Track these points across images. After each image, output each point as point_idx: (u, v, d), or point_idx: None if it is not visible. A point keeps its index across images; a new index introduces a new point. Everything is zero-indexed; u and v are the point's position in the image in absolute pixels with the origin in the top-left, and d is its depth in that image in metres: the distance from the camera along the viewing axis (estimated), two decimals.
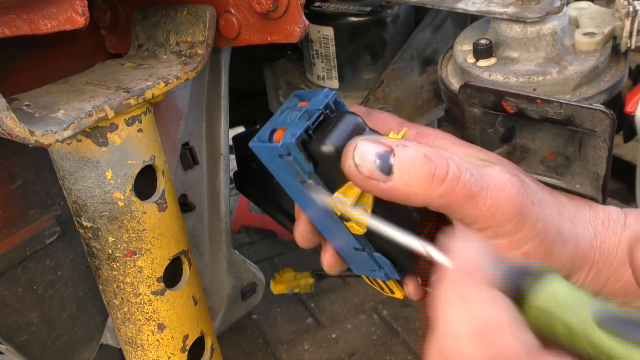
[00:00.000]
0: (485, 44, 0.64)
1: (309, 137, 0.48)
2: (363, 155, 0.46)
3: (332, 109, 0.51)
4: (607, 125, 0.49)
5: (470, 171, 0.46)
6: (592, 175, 0.53)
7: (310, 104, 0.51)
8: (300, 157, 0.48)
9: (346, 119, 0.50)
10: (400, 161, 0.45)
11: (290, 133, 0.48)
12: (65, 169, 0.59)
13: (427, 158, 0.45)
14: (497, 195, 0.46)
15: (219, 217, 0.94)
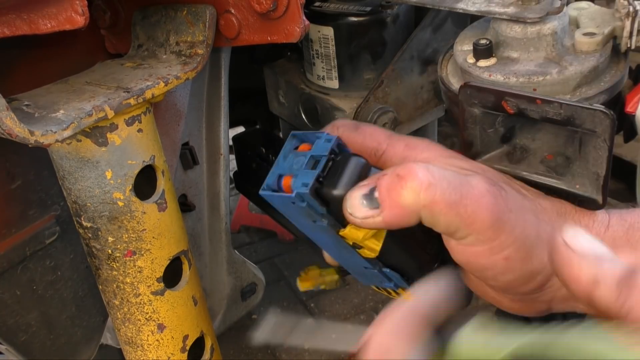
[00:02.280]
0: (486, 44, 0.64)
1: (320, 184, 0.51)
2: (352, 204, 0.49)
3: (336, 152, 0.53)
4: (607, 125, 0.49)
5: (447, 179, 0.48)
6: (592, 175, 0.53)
7: (314, 149, 0.53)
8: (314, 203, 0.50)
9: (352, 162, 0.52)
10: (381, 190, 0.48)
11: (301, 182, 0.50)
12: (65, 169, 0.59)
13: (400, 177, 0.48)
14: (475, 204, 0.49)
15: (219, 217, 0.94)
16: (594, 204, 0.54)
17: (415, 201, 0.48)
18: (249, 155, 1.07)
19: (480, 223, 0.49)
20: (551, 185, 0.55)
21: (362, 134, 0.58)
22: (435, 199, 0.48)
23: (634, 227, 0.53)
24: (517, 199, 0.52)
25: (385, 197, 0.48)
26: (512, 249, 0.50)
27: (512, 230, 0.50)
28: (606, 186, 0.52)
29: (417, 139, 0.57)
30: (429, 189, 0.48)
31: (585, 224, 0.53)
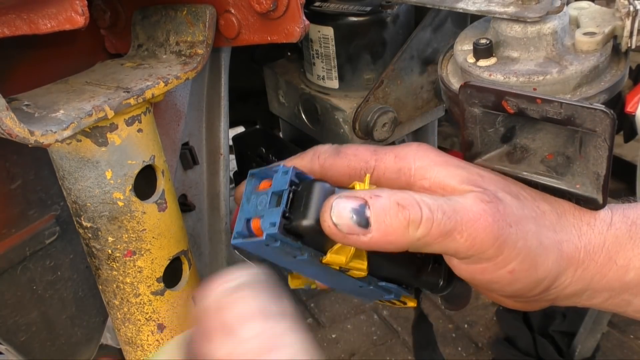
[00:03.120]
0: (486, 43, 0.64)
1: (287, 219, 0.50)
2: (340, 213, 0.47)
3: (296, 183, 0.52)
4: (607, 125, 0.49)
5: (442, 209, 0.48)
6: (593, 175, 0.53)
7: (274, 185, 0.52)
8: (287, 240, 0.49)
9: (315, 188, 0.51)
10: (375, 212, 0.47)
11: (268, 222, 0.49)
12: (64, 169, 0.59)
13: (400, 206, 0.47)
14: (472, 227, 0.49)
15: (219, 217, 0.94)
16: (595, 204, 0.54)
17: (411, 234, 0.48)
18: (249, 155, 1.07)
19: (480, 245, 0.49)
20: (551, 185, 0.55)
21: (346, 157, 0.56)
22: (432, 232, 0.48)
23: (637, 223, 0.53)
24: (517, 210, 0.51)
25: (378, 221, 0.47)
26: (517, 262, 0.50)
27: (514, 245, 0.50)
28: (606, 186, 0.52)
29: (405, 147, 0.56)
30: (427, 222, 0.47)
31: (587, 222, 0.54)
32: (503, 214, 0.50)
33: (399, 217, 0.47)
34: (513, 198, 0.52)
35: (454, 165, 0.54)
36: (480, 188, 0.51)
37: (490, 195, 0.51)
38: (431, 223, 0.48)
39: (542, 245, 0.51)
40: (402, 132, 0.93)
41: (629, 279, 0.53)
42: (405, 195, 0.48)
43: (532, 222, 0.52)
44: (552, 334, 1.65)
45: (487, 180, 0.53)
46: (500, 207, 0.50)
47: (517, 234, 0.50)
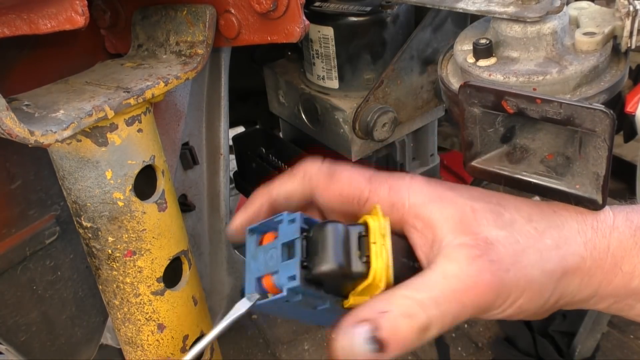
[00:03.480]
0: (485, 43, 0.64)
1: (306, 269, 0.48)
2: (354, 351, 0.46)
3: (306, 228, 0.50)
4: (607, 125, 0.49)
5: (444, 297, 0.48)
6: (592, 175, 0.53)
7: (282, 236, 0.50)
8: (310, 292, 0.48)
9: (328, 230, 0.49)
10: (388, 334, 0.46)
11: (286, 276, 0.48)
12: (65, 169, 0.59)
13: (409, 317, 0.47)
14: (475, 294, 0.49)
15: (219, 217, 0.94)
16: (594, 204, 0.54)
17: (429, 334, 0.48)
18: (249, 155, 1.07)
19: (485, 303, 0.49)
20: (551, 186, 0.55)
21: (339, 183, 0.55)
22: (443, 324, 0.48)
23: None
24: (512, 247, 0.51)
25: (391, 341, 0.46)
26: (523, 298, 0.51)
27: (517, 286, 0.50)
28: (606, 186, 0.52)
29: (399, 179, 0.55)
30: (436, 321, 0.48)
31: (590, 225, 0.53)
32: (498, 262, 0.49)
33: (413, 328, 0.47)
34: (507, 233, 0.51)
35: (447, 201, 0.53)
36: (471, 235, 0.50)
37: (480, 246, 0.50)
38: (442, 321, 0.48)
39: (545, 271, 0.51)
40: (402, 132, 0.93)
41: (635, 286, 0.53)
42: (407, 302, 0.47)
43: (531, 251, 0.51)
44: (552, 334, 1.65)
45: (479, 215, 0.52)
46: (493, 256, 0.49)
47: (517, 274, 0.50)
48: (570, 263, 0.52)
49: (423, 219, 0.52)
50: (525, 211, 0.53)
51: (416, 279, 0.49)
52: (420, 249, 0.52)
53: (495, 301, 0.49)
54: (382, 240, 0.50)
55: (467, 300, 0.48)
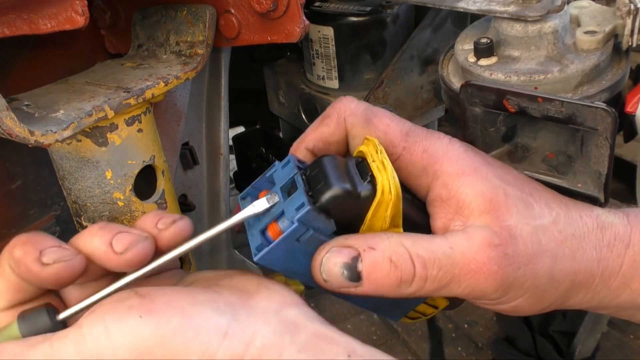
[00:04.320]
0: (486, 43, 0.64)
1: (313, 198, 0.46)
2: (330, 270, 0.47)
3: (301, 167, 0.49)
4: (608, 123, 0.49)
5: (438, 265, 0.47)
6: (594, 173, 0.53)
7: (279, 181, 0.49)
8: (321, 223, 0.46)
9: (325, 162, 0.48)
10: (367, 269, 0.46)
11: (294, 209, 0.46)
12: (65, 169, 0.59)
13: (393, 264, 0.46)
14: (473, 278, 0.47)
15: (219, 217, 0.94)
16: (596, 202, 0.54)
17: (402, 290, 0.47)
18: (249, 155, 1.07)
19: (482, 291, 0.48)
20: (553, 184, 0.55)
21: (374, 132, 0.52)
22: (425, 286, 0.47)
23: None
24: (532, 246, 0.49)
25: (369, 278, 0.46)
26: (522, 299, 0.50)
27: (521, 286, 0.49)
28: (608, 184, 0.52)
29: (436, 141, 0.52)
30: (420, 281, 0.47)
31: (607, 243, 0.51)
32: (512, 257, 0.48)
33: (391, 275, 0.46)
34: (532, 230, 0.49)
35: (481, 177, 0.50)
36: (498, 221, 0.49)
37: (502, 235, 0.48)
38: (424, 281, 0.47)
39: (554, 279, 0.50)
40: None
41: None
42: (400, 249, 0.47)
43: (548, 255, 0.49)
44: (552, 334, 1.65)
45: (510, 202, 0.50)
46: (509, 250, 0.48)
47: (526, 274, 0.48)
48: (579, 278, 0.51)
49: (451, 189, 0.50)
50: (555, 209, 0.51)
51: (423, 237, 0.48)
52: (439, 219, 0.51)
53: (492, 293, 0.48)
54: (379, 156, 0.49)
55: (463, 279, 0.47)
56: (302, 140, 0.54)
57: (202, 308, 0.41)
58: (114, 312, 0.41)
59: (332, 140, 0.53)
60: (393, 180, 0.47)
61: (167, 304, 0.41)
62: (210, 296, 0.43)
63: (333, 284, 0.47)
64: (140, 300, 0.41)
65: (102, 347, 0.39)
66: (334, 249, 0.47)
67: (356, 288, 0.47)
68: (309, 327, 0.42)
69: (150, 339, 0.39)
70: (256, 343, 0.41)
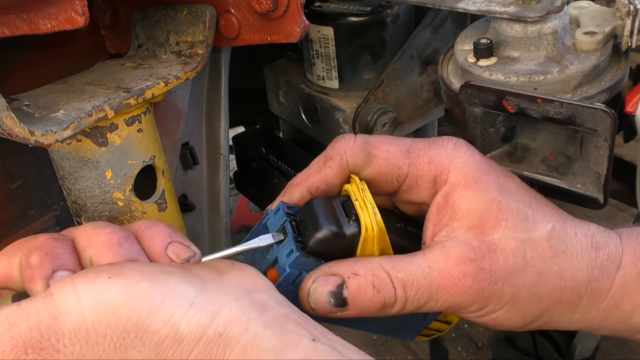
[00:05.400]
0: (486, 43, 0.64)
1: (302, 243, 0.49)
2: (317, 299, 0.49)
3: (291, 213, 0.52)
4: (608, 124, 0.49)
5: (416, 286, 0.49)
6: (594, 174, 0.53)
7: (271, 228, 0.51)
8: (311, 265, 0.49)
9: (313, 206, 0.51)
10: (352, 295, 0.49)
11: (284, 255, 0.49)
12: (65, 169, 0.59)
13: (376, 289, 0.48)
14: (448, 293, 0.49)
15: (219, 217, 0.94)
16: (595, 203, 0.54)
17: (385, 311, 0.49)
18: (249, 155, 1.07)
19: (459, 305, 0.50)
20: (552, 185, 0.55)
21: (377, 162, 0.54)
22: (406, 307, 0.49)
23: None
24: (514, 260, 0.50)
25: (354, 303, 0.49)
26: (501, 312, 0.50)
27: (499, 299, 0.50)
28: (607, 185, 0.52)
29: (440, 148, 0.53)
30: (401, 302, 0.49)
31: (600, 264, 0.51)
32: (488, 272, 0.49)
33: (374, 300, 0.49)
34: (518, 244, 0.50)
35: (480, 190, 0.51)
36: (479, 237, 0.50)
37: (480, 249, 0.49)
38: (404, 302, 0.49)
39: (535, 295, 0.50)
40: (402, 132, 0.93)
41: (634, 321, 0.52)
42: (381, 274, 0.49)
43: (531, 271, 0.50)
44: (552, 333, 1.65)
45: (502, 215, 0.50)
46: (486, 264, 0.49)
47: (504, 288, 0.49)
48: (565, 296, 0.51)
49: (449, 200, 0.51)
50: (551, 222, 0.51)
51: (404, 258, 0.50)
52: (430, 227, 0.52)
53: (469, 306, 0.50)
54: (361, 194, 0.51)
55: (440, 295, 0.49)
56: (304, 183, 0.56)
57: (172, 277, 0.42)
58: (85, 275, 0.41)
59: (335, 182, 0.55)
60: (374, 217, 0.50)
61: (137, 270, 0.42)
62: (181, 268, 0.44)
63: (320, 311, 0.49)
64: (111, 265, 0.42)
65: (69, 305, 0.39)
66: (320, 278, 0.49)
67: (342, 312, 0.49)
68: (277, 309, 0.43)
69: (117, 298, 0.40)
70: (222, 316, 0.41)
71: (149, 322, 0.40)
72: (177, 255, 0.46)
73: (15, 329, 0.38)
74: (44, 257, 0.43)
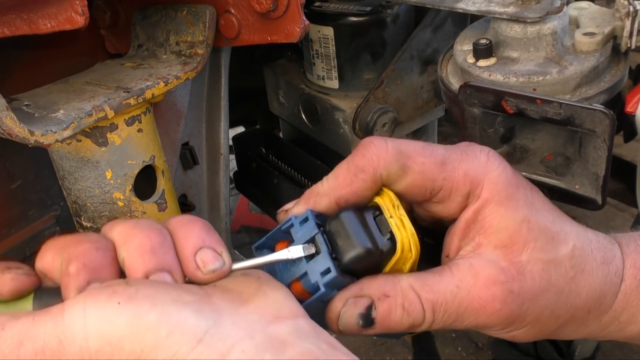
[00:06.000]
0: (485, 43, 0.64)
1: (337, 260, 0.47)
2: (346, 322, 0.48)
3: (320, 224, 0.49)
4: (607, 125, 0.49)
5: (445, 307, 0.48)
6: (592, 175, 0.53)
7: (299, 238, 0.48)
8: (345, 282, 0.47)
9: (344, 219, 0.48)
10: (381, 317, 0.48)
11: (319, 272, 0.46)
12: (65, 169, 0.59)
13: (406, 312, 0.48)
14: (476, 315, 0.48)
15: (219, 217, 0.94)
16: (594, 204, 0.54)
17: (411, 330, 0.49)
18: (249, 155, 1.07)
19: (483, 326, 0.49)
20: (551, 185, 0.56)
21: (411, 176, 0.50)
22: (433, 326, 0.49)
23: None
24: (539, 282, 0.49)
25: (382, 323, 0.48)
26: (521, 331, 0.50)
27: (523, 320, 0.49)
28: (605, 186, 0.52)
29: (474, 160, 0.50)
30: (427, 324, 0.48)
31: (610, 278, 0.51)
32: (517, 294, 0.48)
33: (402, 321, 0.48)
34: (544, 266, 0.49)
35: (512, 208, 0.49)
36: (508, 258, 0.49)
37: (510, 271, 0.48)
38: (431, 323, 0.48)
39: (554, 314, 0.50)
40: (402, 132, 0.93)
41: (628, 330, 0.53)
42: (411, 295, 0.48)
43: (554, 292, 0.50)
44: None
45: (531, 235, 0.49)
46: (515, 286, 0.48)
47: (529, 310, 0.49)
48: (577, 314, 0.51)
49: (479, 215, 0.50)
50: (572, 240, 0.51)
51: (431, 276, 0.49)
52: (455, 240, 0.51)
53: (494, 327, 0.50)
54: (397, 212, 0.49)
55: (467, 316, 0.48)
56: (332, 194, 0.51)
57: (183, 308, 0.40)
58: (97, 295, 0.40)
59: (366, 195, 0.51)
60: (413, 237, 0.49)
61: (149, 297, 0.40)
62: (197, 298, 0.42)
63: (348, 331, 0.48)
64: (125, 288, 0.40)
65: (76, 329, 0.39)
66: (350, 301, 0.48)
67: (367, 330, 0.48)
68: (297, 346, 0.40)
69: (123, 329, 0.38)
70: (232, 357, 0.38)
71: (153, 356, 0.38)
72: (205, 263, 0.44)
73: (23, 349, 0.38)
74: (80, 268, 0.43)
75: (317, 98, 0.90)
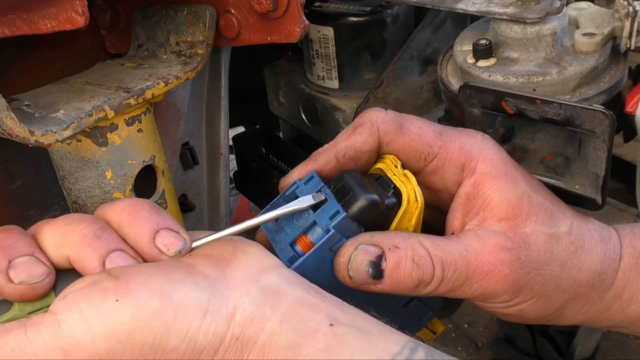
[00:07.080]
0: (485, 44, 0.64)
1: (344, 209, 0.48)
2: (357, 267, 0.47)
3: (325, 181, 0.50)
4: (606, 125, 0.49)
5: (454, 267, 0.48)
6: (592, 175, 0.53)
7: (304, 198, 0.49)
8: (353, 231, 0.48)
9: (347, 177, 0.49)
10: (390, 268, 0.47)
11: (327, 217, 0.47)
12: (65, 169, 0.59)
13: (416, 265, 0.47)
14: (484, 279, 0.49)
15: (219, 217, 0.94)
16: (594, 204, 0.54)
17: (419, 290, 0.48)
18: (249, 155, 1.07)
19: (492, 293, 0.49)
20: (551, 185, 0.56)
21: (409, 134, 0.52)
22: (440, 288, 0.48)
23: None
24: (544, 253, 0.50)
25: (392, 276, 0.47)
26: (529, 303, 0.51)
27: (530, 289, 0.50)
28: (605, 186, 0.52)
29: (470, 138, 0.52)
30: (436, 281, 0.48)
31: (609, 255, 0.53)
32: (524, 262, 0.49)
33: (412, 275, 0.47)
34: (547, 238, 0.51)
35: (511, 182, 0.51)
36: (514, 227, 0.50)
37: (516, 240, 0.49)
38: (440, 282, 0.48)
39: (559, 287, 0.51)
40: None
41: (630, 311, 0.53)
42: (421, 250, 0.48)
43: (557, 265, 0.51)
44: (552, 334, 1.65)
45: (533, 209, 0.51)
46: (522, 254, 0.49)
47: (536, 279, 0.50)
48: (581, 289, 0.52)
49: (480, 189, 0.51)
50: (569, 219, 0.52)
51: (440, 238, 0.50)
52: (458, 216, 0.52)
53: (502, 295, 0.50)
54: (400, 170, 0.51)
55: (475, 280, 0.49)
56: (331, 149, 0.53)
57: (180, 285, 0.40)
58: (89, 296, 0.39)
59: (364, 148, 0.52)
60: (417, 189, 0.49)
61: (144, 284, 0.39)
62: (186, 271, 0.42)
63: (357, 280, 0.48)
64: (115, 282, 0.39)
65: (79, 334, 0.37)
66: (361, 246, 0.47)
67: (376, 285, 0.48)
68: (289, 294, 0.42)
69: (130, 323, 0.38)
70: (237, 318, 0.40)
71: (166, 342, 0.38)
72: (168, 247, 0.43)
73: None
74: None
75: (317, 98, 0.90)
